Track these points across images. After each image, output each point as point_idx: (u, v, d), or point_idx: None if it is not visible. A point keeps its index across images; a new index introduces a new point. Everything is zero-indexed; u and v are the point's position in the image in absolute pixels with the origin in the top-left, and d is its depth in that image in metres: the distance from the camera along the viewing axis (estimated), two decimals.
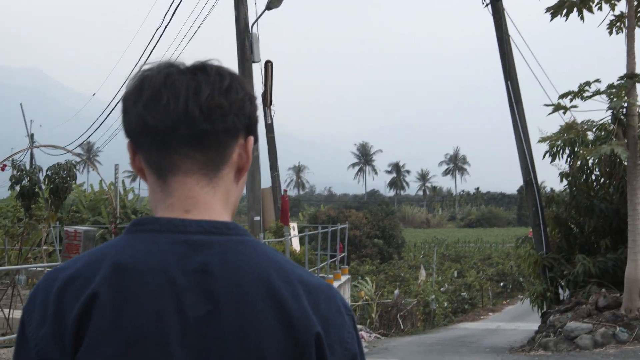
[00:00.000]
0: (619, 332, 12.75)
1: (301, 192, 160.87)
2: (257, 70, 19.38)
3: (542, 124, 16.34)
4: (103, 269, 1.30)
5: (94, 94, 42.32)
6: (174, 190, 1.40)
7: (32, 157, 25.01)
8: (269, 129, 20.26)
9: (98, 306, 1.27)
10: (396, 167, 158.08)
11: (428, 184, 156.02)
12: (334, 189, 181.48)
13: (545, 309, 15.45)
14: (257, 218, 18.36)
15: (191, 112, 1.36)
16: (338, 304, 1.39)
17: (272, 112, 19.92)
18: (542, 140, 14.15)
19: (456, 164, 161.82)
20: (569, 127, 13.14)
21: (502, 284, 39.65)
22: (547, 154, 15.78)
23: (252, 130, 1.46)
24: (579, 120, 13.96)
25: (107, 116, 30.92)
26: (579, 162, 15.76)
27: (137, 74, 1.43)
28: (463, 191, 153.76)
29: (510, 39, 16.29)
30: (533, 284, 42.83)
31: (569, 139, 15.05)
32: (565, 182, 16.30)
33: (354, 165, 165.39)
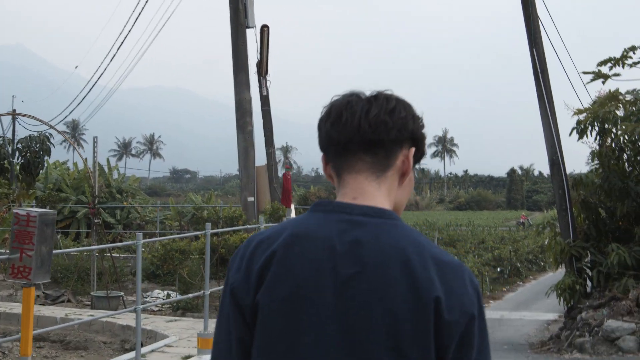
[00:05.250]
0: None
1: None
2: (252, 37, 17.66)
3: (566, 99, 14.86)
4: (283, 236, 1.75)
5: (76, 67, 40.72)
6: (347, 184, 1.83)
7: (13, 132, 22.92)
8: (265, 101, 18.43)
9: (275, 261, 1.72)
10: None
11: (416, 166, 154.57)
12: (320, 170, 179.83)
13: (572, 304, 13.91)
14: (251, 199, 16.77)
15: (362, 127, 1.78)
16: (464, 278, 1.71)
17: (268, 83, 18.15)
18: (578, 112, 12.52)
19: (445, 145, 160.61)
20: (612, 97, 11.49)
21: (499, 269, 38.34)
22: (575, 131, 14.20)
23: (416, 142, 1.88)
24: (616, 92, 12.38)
25: (89, 91, 29.26)
26: (608, 140, 14.21)
27: (329, 103, 1.87)
28: (451, 173, 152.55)
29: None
30: (530, 270, 41.62)
31: (597, 114, 13.49)
32: (592, 162, 14.78)
33: None
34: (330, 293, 1.68)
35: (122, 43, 24.46)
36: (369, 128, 1.77)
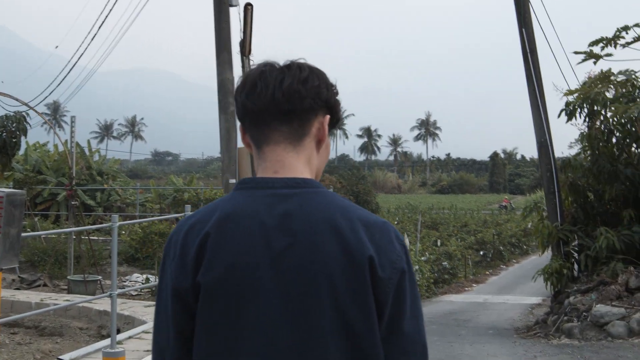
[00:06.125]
0: None
1: None
2: (235, 16, 17.23)
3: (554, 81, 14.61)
4: (214, 216, 1.79)
5: (56, 47, 40.05)
6: (267, 157, 1.88)
7: None
8: None
9: (209, 242, 1.76)
10: (367, 132, 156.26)
11: (399, 149, 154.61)
12: None
13: (559, 288, 13.69)
14: (233, 180, 16.36)
15: (276, 97, 1.82)
16: (390, 236, 1.79)
17: (251, 63, 17.77)
18: (569, 93, 12.23)
19: (428, 129, 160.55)
20: (604, 77, 11.20)
21: (481, 252, 38.23)
22: (564, 112, 13.93)
23: (331, 110, 1.91)
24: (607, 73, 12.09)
25: (69, 72, 28.71)
26: (597, 122, 13.95)
27: (245, 73, 2.28)
28: (433, 157, 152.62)
29: None
30: (513, 253, 41.52)
31: (588, 95, 13.23)
32: (581, 145, 14.56)
33: None
34: (267, 267, 1.72)
35: (102, 22, 23.89)
36: (283, 98, 1.82)
